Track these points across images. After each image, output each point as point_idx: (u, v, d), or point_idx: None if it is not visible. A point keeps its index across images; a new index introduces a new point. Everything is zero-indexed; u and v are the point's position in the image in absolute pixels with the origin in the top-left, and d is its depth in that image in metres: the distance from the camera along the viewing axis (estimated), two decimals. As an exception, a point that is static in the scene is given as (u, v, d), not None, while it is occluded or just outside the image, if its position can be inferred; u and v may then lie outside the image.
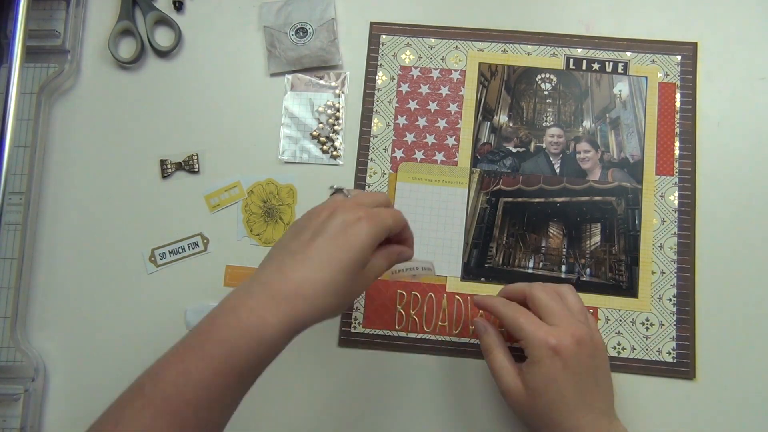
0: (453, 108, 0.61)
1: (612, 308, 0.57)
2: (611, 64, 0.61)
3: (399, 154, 0.60)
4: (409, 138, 0.61)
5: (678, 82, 0.60)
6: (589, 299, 0.57)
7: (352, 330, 0.57)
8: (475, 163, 0.60)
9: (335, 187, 0.48)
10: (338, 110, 0.61)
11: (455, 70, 0.61)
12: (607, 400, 0.47)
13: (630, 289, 0.57)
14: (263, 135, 0.61)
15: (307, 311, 0.40)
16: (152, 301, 0.58)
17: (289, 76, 0.62)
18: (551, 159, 0.59)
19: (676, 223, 0.58)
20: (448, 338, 0.57)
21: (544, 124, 0.60)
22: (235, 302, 0.40)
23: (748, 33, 0.61)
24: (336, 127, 0.61)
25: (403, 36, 0.62)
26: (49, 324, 0.58)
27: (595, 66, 0.61)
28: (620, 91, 0.60)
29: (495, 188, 0.59)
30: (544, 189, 0.59)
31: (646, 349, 0.56)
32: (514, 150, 0.60)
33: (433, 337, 0.57)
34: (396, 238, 0.47)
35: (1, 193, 0.53)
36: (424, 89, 0.61)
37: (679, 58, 0.61)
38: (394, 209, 0.47)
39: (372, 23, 0.63)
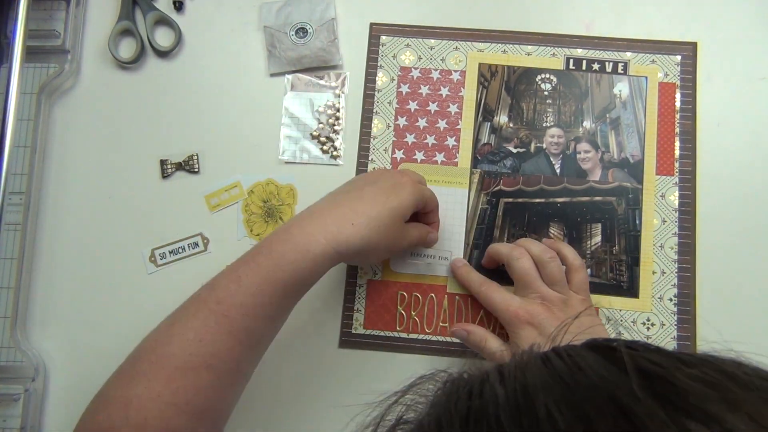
0: (453, 109, 0.61)
1: (613, 308, 0.57)
2: (611, 64, 0.61)
3: (399, 154, 0.60)
4: (410, 139, 0.61)
5: (678, 82, 0.60)
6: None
7: (353, 331, 0.57)
8: (475, 163, 0.60)
9: None
10: (338, 110, 0.61)
11: (455, 71, 0.61)
12: None
13: (631, 289, 0.57)
14: (263, 135, 0.61)
15: (351, 236, 0.45)
16: (152, 301, 0.58)
17: (289, 76, 0.62)
18: (551, 159, 0.59)
19: (676, 223, 0.58)
20: (449, 339, 0.57)
21: (544, 125, 0.60)
22: (289, 224, 0.46)
23: (748, 33, 0.61)
24: (336, 128, 0.61)
25: (402, 37, 0.62)
26: (49, 324, 0.58)
27: (595, 66, 0.61)
28: (620, 91, 0.60)
29: (495, 189, 0.59)
30: (545, 189, 0.59)
31: (647, 350, 0.56)
32: (514, 150, 0.60)
33: (434, 338, 0.57)
34: (424, 220, 0.53)
35: (1, 193, 0.52)
36: (424, 90, 0.61)
37: (679, 58, 0.61)
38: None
39: (372, 24, 0.63)
